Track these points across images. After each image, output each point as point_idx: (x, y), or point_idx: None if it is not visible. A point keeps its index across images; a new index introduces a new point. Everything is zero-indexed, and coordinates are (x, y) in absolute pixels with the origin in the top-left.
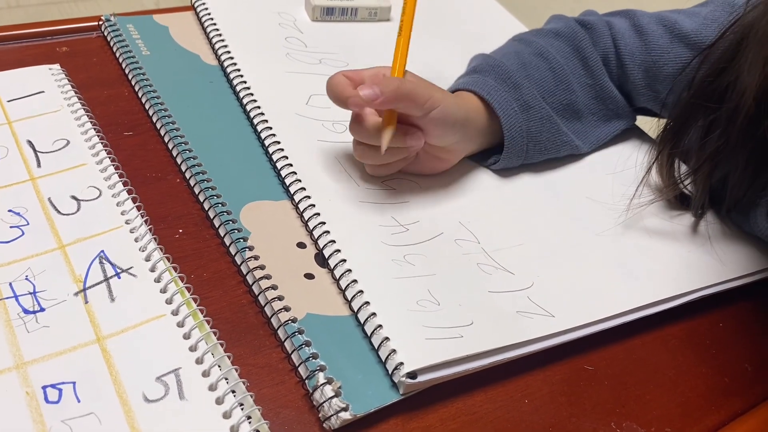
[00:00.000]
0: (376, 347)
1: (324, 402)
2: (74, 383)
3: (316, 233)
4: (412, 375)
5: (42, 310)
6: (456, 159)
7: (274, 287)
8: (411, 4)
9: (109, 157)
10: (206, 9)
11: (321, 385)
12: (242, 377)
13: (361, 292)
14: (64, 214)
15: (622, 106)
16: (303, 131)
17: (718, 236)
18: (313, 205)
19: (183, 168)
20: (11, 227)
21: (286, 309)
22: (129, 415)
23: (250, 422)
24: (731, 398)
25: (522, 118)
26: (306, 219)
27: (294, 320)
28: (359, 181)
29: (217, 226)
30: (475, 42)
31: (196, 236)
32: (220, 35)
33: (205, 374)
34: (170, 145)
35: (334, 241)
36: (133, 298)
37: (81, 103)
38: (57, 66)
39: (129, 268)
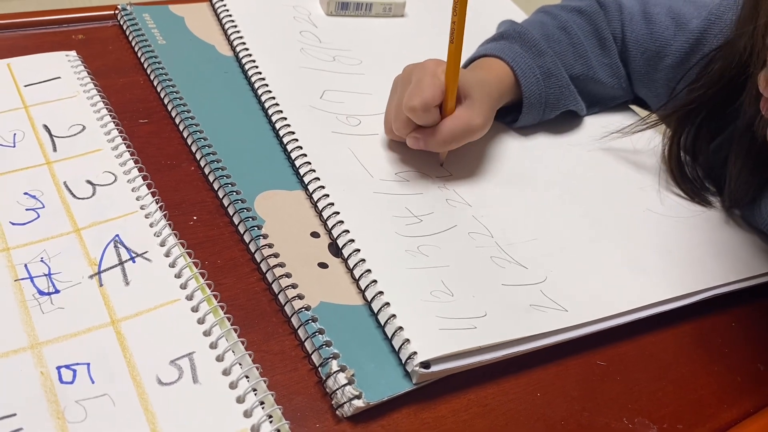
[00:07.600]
0: (390, 336)
1: (337, 389)
2: (88, 364)
3: (330, 223)
4: (426, 365)
5: (57, 291)
6: (488, 127)
7: (288, 275)
8: (463, 6)
9: (125, 144)
10: (222, 0)
11: (334, 372)
12: (255, 363)
13: (374, 281)
14: (79, 198)
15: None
16: (317, 123)
17: (731, 236)
18: (327, 195)
19: (198, 156)
20: (27, 210)
21: (300, 297)
22: (143, 397)
23: (263, 407)
24: (743, 397)
25: (543, 85)
26: (320, 209)
27: (307, 308)
28: (373, 172)
29: (231, 214)
30: (485, 37)
31: (210, 224)
32: (235, 27)
33: (219, 359)
34: (185, 134)
35: (348, 231)
36: (148, 283)
37: (97, 89)
38: (73, 53)
39: (144, 253)
